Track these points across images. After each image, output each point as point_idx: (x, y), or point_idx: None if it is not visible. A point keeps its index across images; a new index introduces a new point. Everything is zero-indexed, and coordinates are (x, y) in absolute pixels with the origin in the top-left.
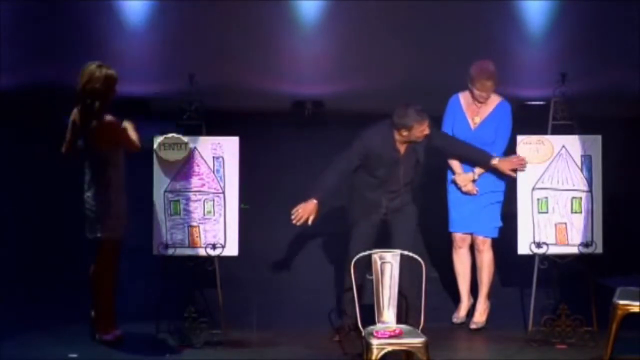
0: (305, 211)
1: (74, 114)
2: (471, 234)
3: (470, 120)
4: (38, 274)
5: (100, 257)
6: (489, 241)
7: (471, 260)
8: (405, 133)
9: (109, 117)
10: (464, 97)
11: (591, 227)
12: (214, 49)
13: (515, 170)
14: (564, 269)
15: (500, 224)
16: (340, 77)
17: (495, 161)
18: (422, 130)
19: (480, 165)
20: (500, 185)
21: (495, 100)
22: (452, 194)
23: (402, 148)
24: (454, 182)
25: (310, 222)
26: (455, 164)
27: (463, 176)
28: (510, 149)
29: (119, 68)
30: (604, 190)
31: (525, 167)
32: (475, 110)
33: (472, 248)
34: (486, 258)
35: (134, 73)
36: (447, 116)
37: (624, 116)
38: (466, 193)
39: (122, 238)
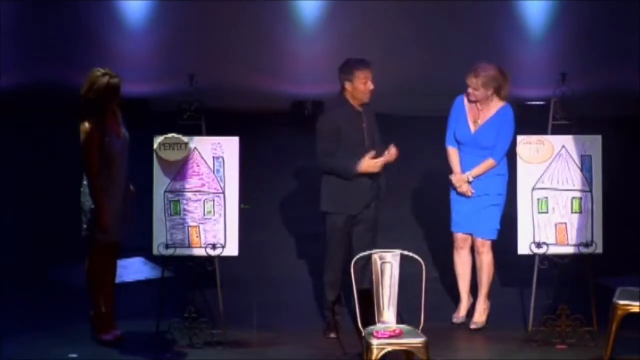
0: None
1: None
2: (471, 234)
3: (471, 123)
4: (38, 273)
5: (93, 257)
6: (488, 243)
7: (472, 261)
8: (349, 87)
9: (86, 126)
10: (467, 99)
11: (591, 227)
12: (214, 49)
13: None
14: (564, 269)
15: (499, 226)
16: None
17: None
18: (364, 79)
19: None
20: (500, 188)
21: (498, 104)
22: (453, 194)
23: (359, 108)
24: (450, 182)
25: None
26: (454, 163)
27: (458, 176)
28: (510, 149)
29: (119, 68)
30: (604, 190)
31: (393, 157)
32: (477, 113)
33: (473, 249)
34: (485, 260)
35: (134, 73)
36: (451, 118)
37: (624, 116)
38: (461, 194)
39: (117, 240)
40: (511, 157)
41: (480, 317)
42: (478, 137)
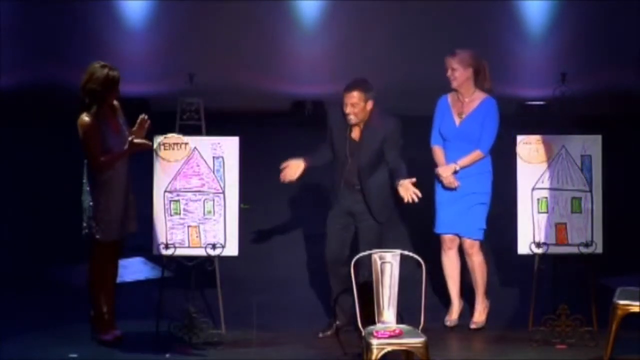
0: (291, 168)
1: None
2: (458, 235)
3: (455, 117)
4: (38, 274)
5: (94, 257)
6: (477, 244)
7: (460, 261)
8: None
9: (84, 118)
10: (451, 97)
11: (591, 227)
12: (214, 49)
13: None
14: (564, 269)
15: (484, 226)
16: (340, 77)
17: (399, 183)
18: (344, 100)
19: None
20: (486, 187)
21: (480, 96)
22: (439, 195)
23: (355, 126)
24: (436, 176)
25: (294, 179)
26: (439, 156)
27: (444, 167)
28: (509, 149)
29: (119, 68)
30: (604, 190)
31: (414, 197)
32: (461, 107)
33: (461, 249)
34: (476, 261)
35: (134, 73)
36: (435, 116)
37: (624, 116)
38: (448, 188)
39: (119, 239)
40: (511, 157)
41: (480, 316)
42: (463, 130)
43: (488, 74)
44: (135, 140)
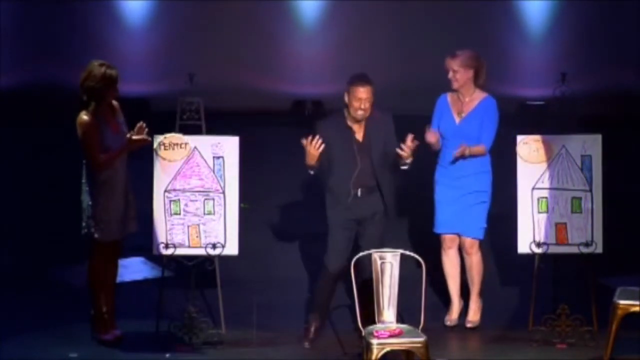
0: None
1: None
2: (458, 234)
3: (455, 116)
4: (38, 274)
5: (94, 257)
6: (477, 243)
7: (460, 260)
8: (346, 100)
9: (84, 117)
10: (450, 96)
11: (591, 227)
12: (214, 49)
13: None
14: (564, 269)
15: (485, 224)
16: (340, 77)
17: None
18: (355, 95)
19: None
20: (485, 185)
21: (480, 96)
22: (439, 194)
23: (356, 127)
24: (435, 176)
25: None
26: (431, 137)
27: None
28: (510, 149)
29: (119, 68)
30: (604, 190)
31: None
32: (461, 106)
33: (460, 248)
34: (475, 260)
35: (134, 73)
36: (435, 115)
37: (624, 116)
38: (447, 187)
39: (119, 239)
40: (511, 157)
41: (475, 315)
42: (463, 128)
43: (485, 70)
44: (134, 137)
